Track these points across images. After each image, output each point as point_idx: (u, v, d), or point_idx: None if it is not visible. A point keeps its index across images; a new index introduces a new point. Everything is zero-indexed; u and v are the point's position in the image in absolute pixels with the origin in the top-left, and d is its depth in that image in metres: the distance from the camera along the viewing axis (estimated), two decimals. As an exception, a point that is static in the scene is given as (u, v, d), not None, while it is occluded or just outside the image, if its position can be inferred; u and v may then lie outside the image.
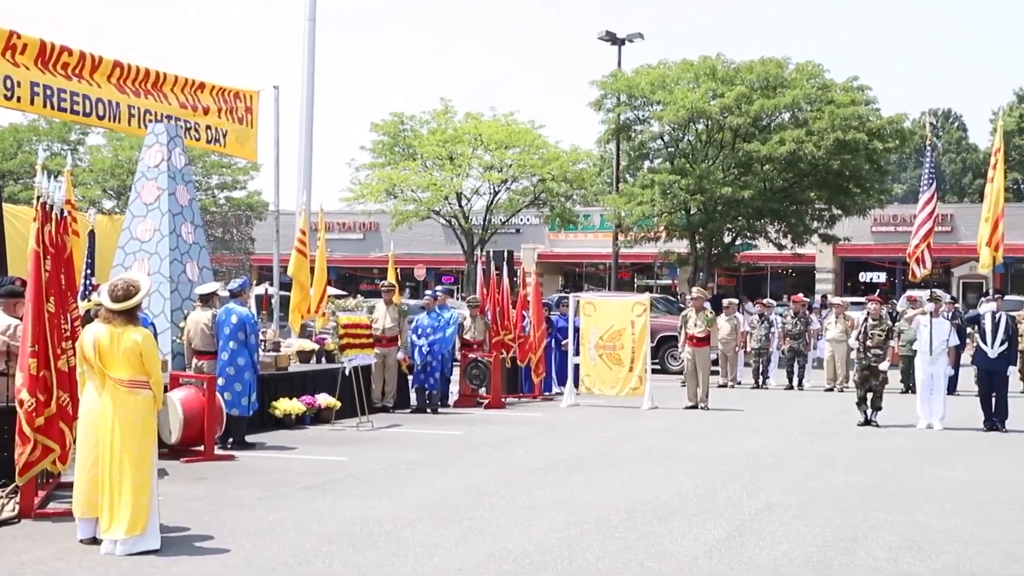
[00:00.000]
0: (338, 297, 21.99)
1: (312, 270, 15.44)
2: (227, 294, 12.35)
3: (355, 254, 46.52)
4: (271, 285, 18.51)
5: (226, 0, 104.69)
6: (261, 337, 13.25)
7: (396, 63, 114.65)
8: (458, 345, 16.68)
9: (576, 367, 16.84)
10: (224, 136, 14.79)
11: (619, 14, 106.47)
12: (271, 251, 17.21)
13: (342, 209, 40.85)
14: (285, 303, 16.27)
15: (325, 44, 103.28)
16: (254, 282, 26.77)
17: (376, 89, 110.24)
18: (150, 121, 13.86)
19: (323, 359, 15.32)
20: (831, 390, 19.48)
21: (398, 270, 18.69)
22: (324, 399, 13.82)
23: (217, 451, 10.93)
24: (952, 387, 16.32)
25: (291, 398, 13.38)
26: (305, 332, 15.69)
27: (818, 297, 30.36)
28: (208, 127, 14.59)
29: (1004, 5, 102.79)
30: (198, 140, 14.53)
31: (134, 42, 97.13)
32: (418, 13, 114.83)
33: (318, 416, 13.74)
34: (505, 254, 20.39)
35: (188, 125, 14.14)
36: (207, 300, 12.06)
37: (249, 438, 11.82)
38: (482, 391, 16.44)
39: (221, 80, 15.09)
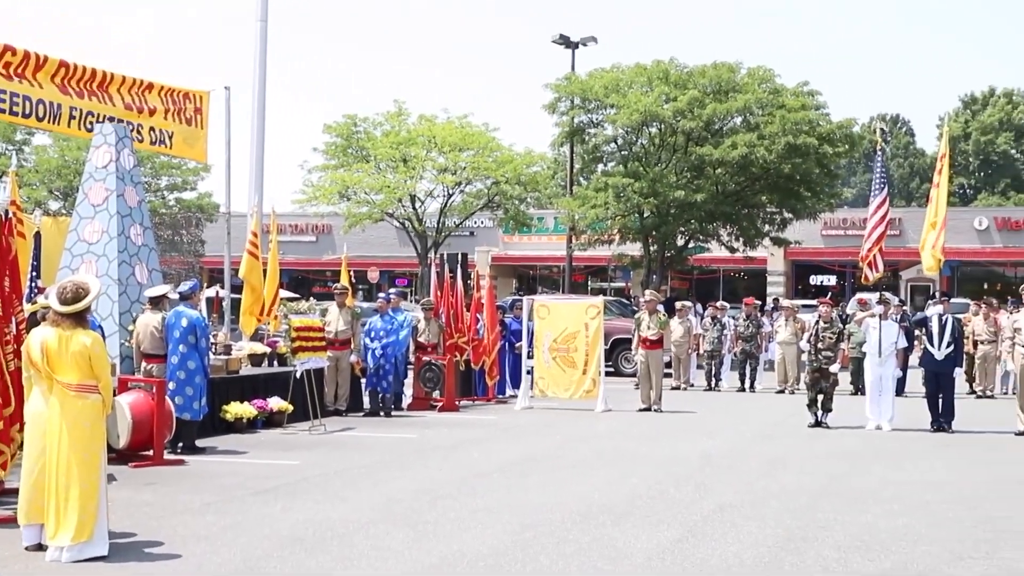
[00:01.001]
0: (290, 300, 21.79)
1: (264, 272, 15.29)
2: (177, 297, 12.19)
3: (308, 256, 46.18)
4: (222, 288, 18.30)
5: (177, 0, 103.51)
6: (212, 340, 13.10)
7: (349, 65, 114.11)
8: (412, 348, 16.61)
9: (530, 370, 16.86)
10: (170, 137, 14.58)
11: (573, 18, 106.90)
12: (222, 253, 17.01)
13: (294, 211, 40.53)
14: (236, 306, 16.09)
15: (277, 45, 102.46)
16: (204, 285, 26.52)
17: (329, 90, 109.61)
18: (91, 123, 13.64)
19: (275, 362, 15.18)
20: (782, 392, 19.68)
21: (351, 273, 18.56)
22: (276, 403, 13.69)
23: (167, 456, 10.79)
24: (900, 389, 16.57)
25: (242, 402, 13.25)
26: (257, 335, 15.53)
27: (770, 300, 30.67)
28: (152, 128, 14.38)
29: (950, 13, 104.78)
30: (141, 142, 14.32)
31: (84, 43, 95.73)
32: (372, 15, 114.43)
33: (270, 420, 13.61)
34: (459, 257, 20.40)
35: (132, 126, 13.91)
36: (157, 303, 11.90)
37: (199, 442, 11.68)
38: (436, 394, 16.40)
39: (171, 81, 14.89)
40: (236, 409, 13.06)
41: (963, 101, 72.12)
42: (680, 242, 31.42)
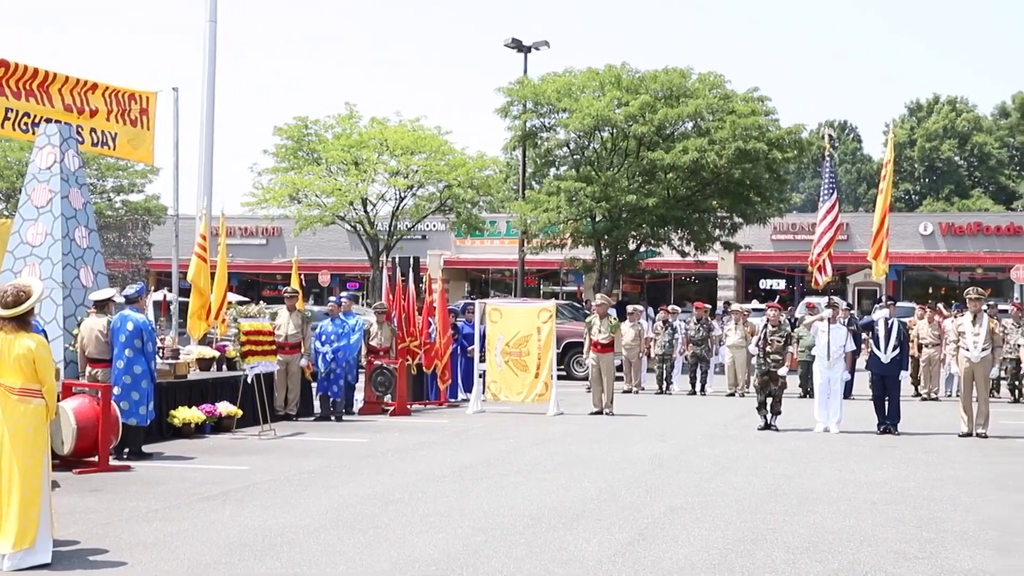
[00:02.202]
0: (240, 303, 21.58)
1: (213, 276, 15.12)
2: (123, 300, 12.00)
3: (258, 260, 45.78)
4: (170, 291, 18.06)
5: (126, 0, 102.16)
6: (159, 344, 12.92)
7: (300, 67, 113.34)
8: (363, 352, 16.52)
9: (482, 374, 16.83)
10: (113, 139, 14.33)
11: (525, 22, 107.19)
12: (170, 256, 16.80)
13: (244, 214, 40.15)
14: (185, 309, 15.90)
15: (227, 46, 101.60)
16: (151, 288, 26.16)
17: (280, 92, 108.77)
18: (27, 124, 13.37)
19: (224, 367, 15.01)
20: (732, 395, 19.85)
21: (302, 276, 18.44)
22: (225, 407, 13.54)
23: (112, 462, 10.62)
24: (848, 391, 16.79)
25: (190, 407, 13.09)
26: (206, 339, 15.35)
27: (720, 304, 30.94)
28: (94, 130, 14.13)
29: (897, 21, 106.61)
30: (83, 143, 14.07)
31: (28, 43, 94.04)
32: (323, 16, 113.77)
33: (219, 425, 13.45)
34: (411, 260, 20.34)
35: (73, 128, 13.65)
36: (102, 306, 11.71)
37: (146, 448, 11.51)
38: (387, 398, 16.33)
39: (116, 81, 14.65)
40: (184, 414, 12.89)
41: (909, 108, 73.46)
42: (632, 246, 31.59)
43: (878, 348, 14.29)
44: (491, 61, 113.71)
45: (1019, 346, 18.50)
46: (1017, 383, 18.28)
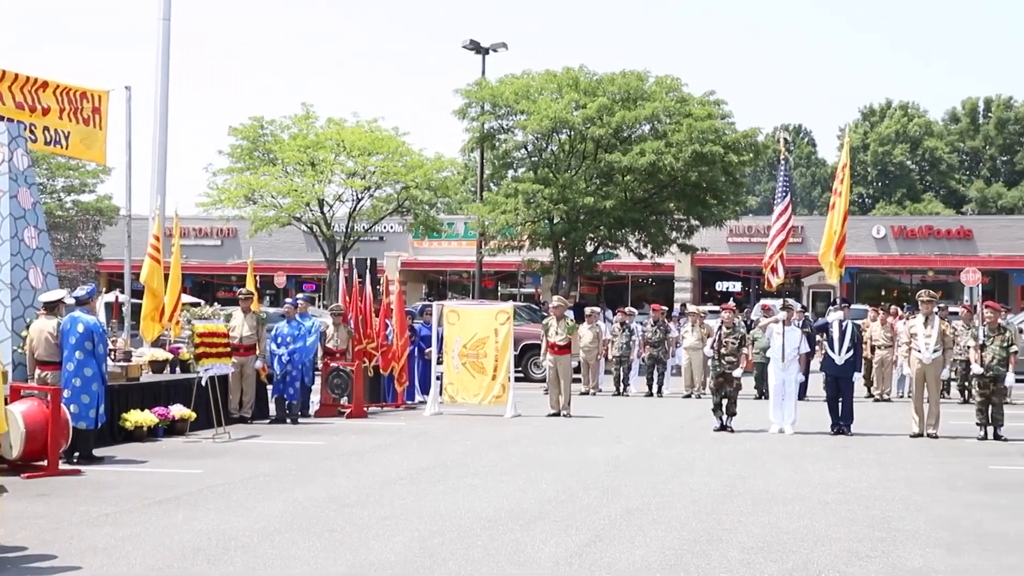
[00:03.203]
0: (193, 305, 21.32)
1: (166, 277, 14.93)
2: (73, 302, 11.81)
3: (212, 261, 45.32)
4: (122, 292, 17.81)
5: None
6: (111, 346, 12.73)
7: (256, 66, 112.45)
8: (320, 354, 16.41)
9: (440, 376, 16.78)
10: (66, 138, 14.09)
11: (483, 24, 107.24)
12: (122, 257, 16.56)
13: (199, 214, 39.73)
14: (137, 311, 15.68)
15: (181, 44, 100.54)
16: (102, 289, 25.77)
17: (235, 92, 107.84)
18: None
19: (177, 369, 14.84)
20: (689, 396, 19.95)
21: (257, 277, 18.25)
22: (178, 410, 13.38)
23: (62, 466, 10.44)
24: (802, 393, 16.94)
25: (143, 410, 12.91)
26: (159, 341, 15.15)
27: (677, 306, 31.12)
28: (47, 128, 13.88)
29: (849, 27, 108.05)
30: (35, 142, 13.82)
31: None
32: (279, 16, 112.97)
33: (172, 428, 13.29)
34: (368, 262, 20.19)
35: (24, 126, 13.41)
36: (52, 308, 11.51)
37: (97, 452, 11.33)
38: (344, 400, 16.23)
39: (68, 79, 14.41)
40: (136, 417, 12.71)
41: (862, 113, 74.50)
42: (589, 248, 31.68)
43: (832, 350, 14.44)
44: (449, 63, 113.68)
45: (968, 348, 18.79)
46: (967, 384, 18.55)
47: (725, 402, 14.54)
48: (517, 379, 17.62)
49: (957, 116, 71.65)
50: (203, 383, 13.48)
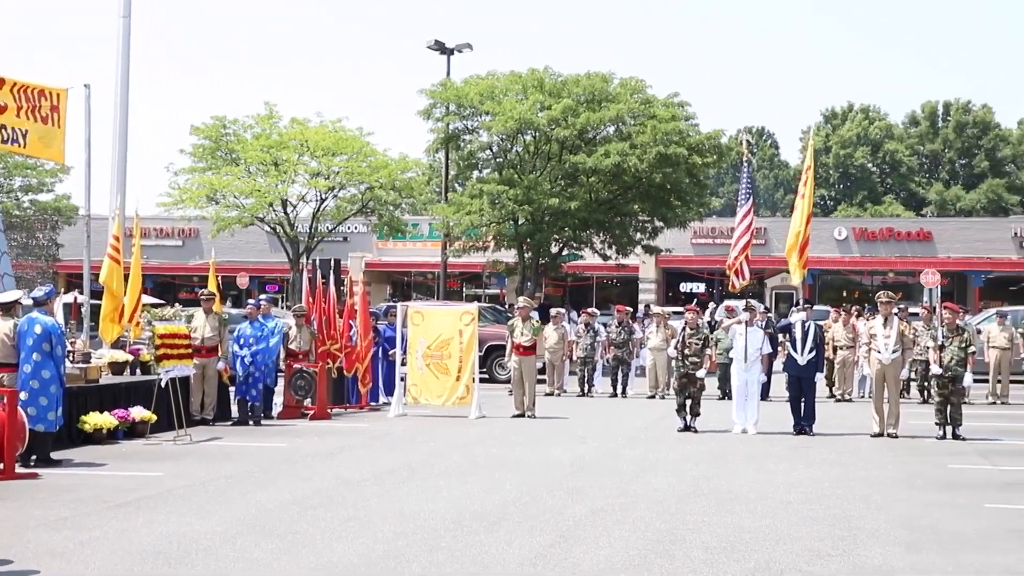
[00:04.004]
0: (154, 306, 21.09)
1: (126, 278, 14.75)
2: (31, 302, 11.63)
3: (174, 261, 44.90)
4: (81, 293, 17.58)
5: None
6: (69, 348, 12.55)
7: (218, 65, 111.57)
8: (283, 355, 16.29)
9: (404, 377, 16.72)
10: (24, 136, 13.85)
11: (448, 24, 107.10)
12: (81, 257, 16.34)
13: (160, 214, 39.34)
14: (97, 312, 15.48)
15: (142, 42, 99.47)
16: (61, 290, 25.41)
17: (197, 91, 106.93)
18: None
19: (138, 371, 14.67)
20: (653, 397, 20.03)
21: (219, 278, 18.08)
22: (138, 412, 13.23)
23: (19, 469, 10.28)
24: (765, 393, 17.06)
25: (102, 412, 12.74)
26: (118, 343, 14.97)
27: (641, 307, 31.24)
28: (3, 126, 13.64)
29: (812, 31, 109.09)
30: None
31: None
32: (242, 14, 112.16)
33: (132, 430, 13.14)
34: (332, 262, 20.07)
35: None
36: (8, 309, 11.32)
37: (55, 455, 11.17)
38: (307, 402, 16.12)
39: (25, 77, 14.18)
40: (95, 419, 12.55)
41: (824, 116, 75.22)
42: (554, 249, 31.71)
43: (795, 350, 14.55)
44: (413, 63, 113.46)
45: (928, 348, 19.02)
46: (926, 384, 18.78)
47: (689, 403, 14.60)
48: (482, 380, 17.60)
49: (917, 119, 72.56)
50: (164, 385, 13.34)
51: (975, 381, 15.62)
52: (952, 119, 70.07)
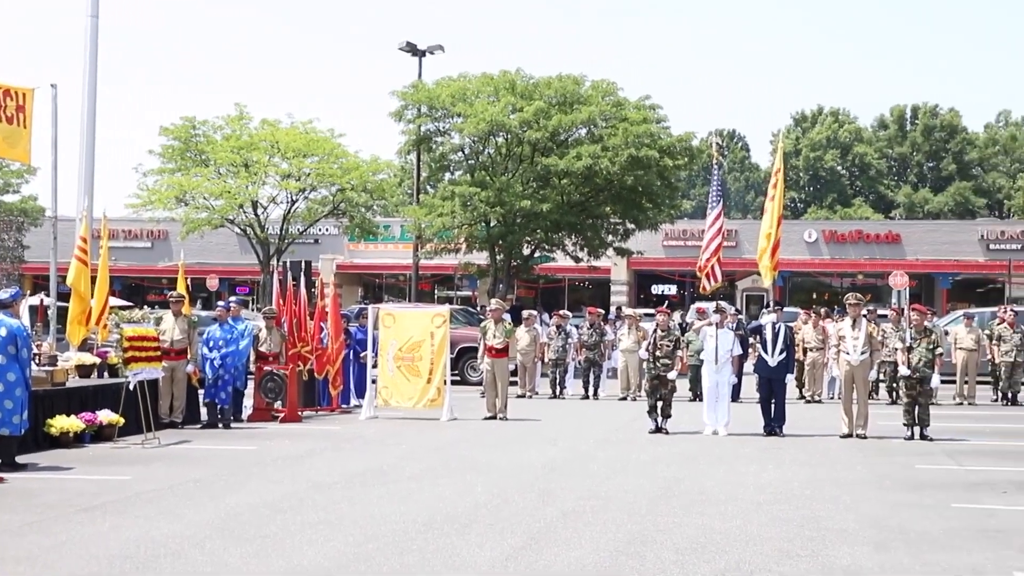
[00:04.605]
0: (122, 308, 20.89)
1: (94, 280, 14.60)
2: (-4, 304, 11.45)
3: (142, 263, 44.53)
4: (47, 295, 17.39)
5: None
6: (35, 351, 12.41)
7: (188, 66, 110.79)
8: (253, 358, 16.19)
9: (375, 379, 16.65)
10: (-11, 136, 13.70)
11: (419, 26, 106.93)
12: (48, 259, 16.17)
13: (128, 216, 38.99)
14: (63, 314, 15.32)
15: (111, 42, 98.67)
16: (27, 292, 25.11)
17: (166, 92, 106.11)
18: None
19: (105, 373, 14.52)
20: (624, 399, 20.07)
21: (189, 280, 17.94)
22: (106, 415, 13.09)
23: (-16, 474, 10.14)
24: (736, 394, 17.14)
25: (69, 415, 12.60)
26: (86, 345, 14.81)
27: (613, 309, 31.31)
28: (-32, 127, 13.48)
29: (782, 35, 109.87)
30: None
31: None
32: (212, 14, 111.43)
33: (99, 434, 13.00)
34: (303, 264, 19.95)
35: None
36: (-26, 311, 11.16)
37: (20, 458, 11.02)
38: (278, 404, 16.02)
39: (-9, 76, 14.00)
40: (61, 423, 12.40)
41: (794, 118, 75.79)
42: (526, 251, 31.73)
43: (765, 352, 14.63)
44: (385, 64, 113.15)
45: (896, 350, 19.18)
46: (895, 385, 18.93)
47: (660, 404, 14.64)
48: (454, 382, 17.57)
49: (885, 123, 73.28)
50: (132, 388, 13.22)
51: (943, 382, 15.73)
52: (920, 122, 70.84)
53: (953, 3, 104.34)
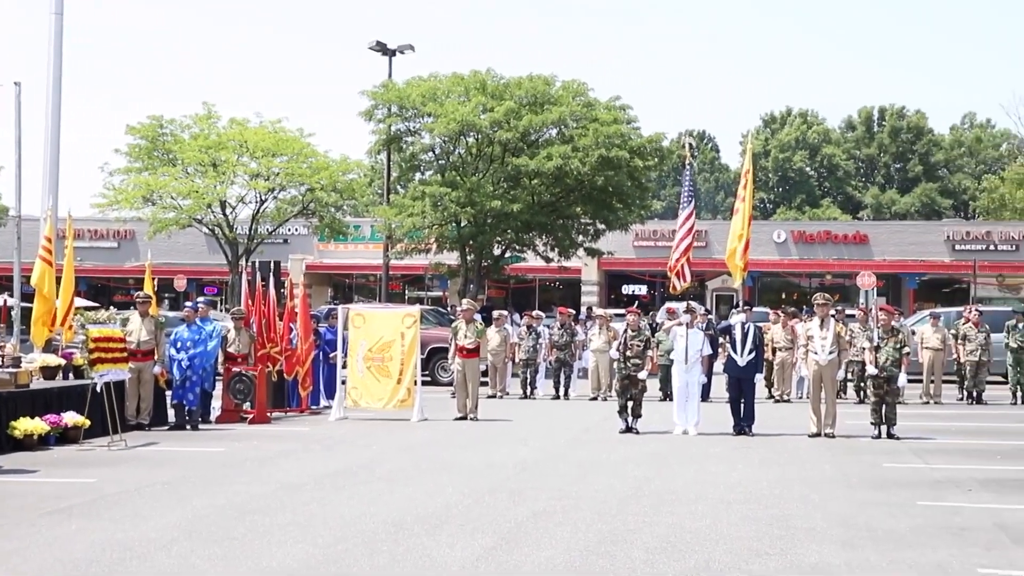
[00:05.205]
0: (88, 309, 20.65)
1: (58, 280, 14.44)
2: (-41, 305, 11.32)
3: (109, 264, 44.09)
4: (11, 296, 17.18)
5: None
6: (-1, 352, 12.25)
7: (155, 64, 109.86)
8: (221, 358, 16.06)
9: (345, 380, 16.57)
10: (-51, 135, 13.57)
11: (390, 25, 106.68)
12: (11, 259, 15.98)
13: (94, 216, 38.61)
14: (28, 315, 15.14)
15: (75, 40, 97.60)
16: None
17: (132, 90, 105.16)
18: None
19: (71, 375, 14.35)
20: (595, 399, 20.09)
21: (156, 280, 17.79)
22: (71, 417, 12.94)
23: (-54, 477, 9.99)
24: (706, 394, 17.20)
25: (33, 417, 12.44)
26: (50, 347, 14.64)
27: (584, 309, 31.35)
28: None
29: (752, 36, 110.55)
30: None
31: None
32: (180, 12, 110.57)
33: (64, 436, 12.85)
34: (272, 264, 19.79)
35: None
36: (-64, 312, 11.03)
37: (-17, 462, 10.89)
38: (247, 406, 15.90)
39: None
40: (25, 425, 12.25)
41: (763, 120, 76.32)
42: (497, 251, 31.71)
43: (735, 352, 14.70)
44: (355, 64, 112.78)
45: (864, 349, 19.34)
46: (862, 385, 19.09)
47: (630, 404, 14.67)
48: (424, 383, 17.52)
49: (853, 124, 73.95)
50: (98, 389, 13.07)
51: (909, 381, 15.90)
52: (887, 124, 71.55)
53: (920, 6, 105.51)
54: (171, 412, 15.12)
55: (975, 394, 19.93)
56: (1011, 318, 20.74)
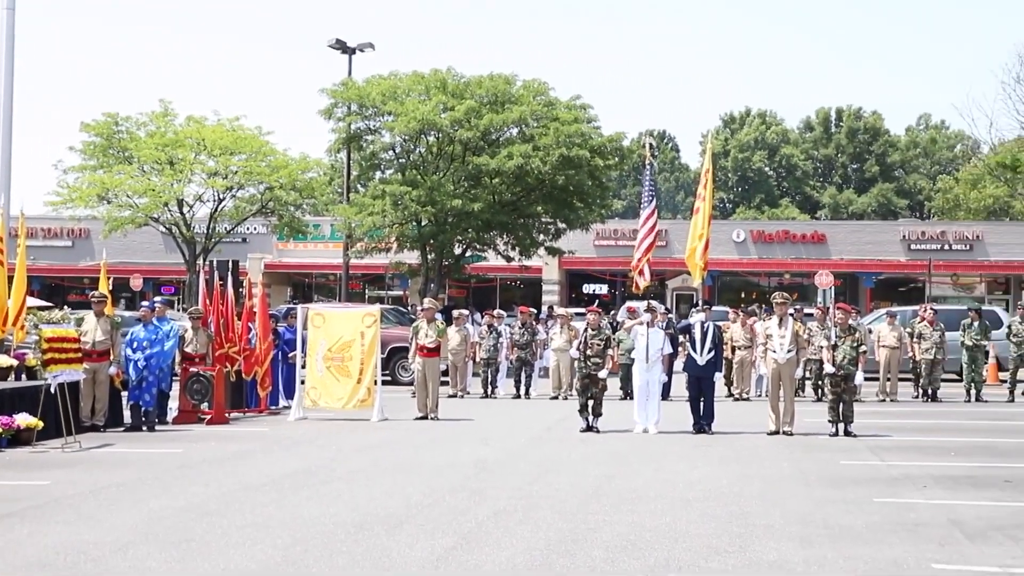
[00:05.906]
0: (41, 309, 20.35)
1: (11, 280, 14.21)
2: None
3: (63, 263, 43.44)
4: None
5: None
6: (-50, 352, 12.02)
7: (110, 60, 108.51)
8: (178, 359, 15.88)
9: (304, 380, 16.45)
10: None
11: (349, 23, 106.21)
12: (-37, 258, 15.67)
13: (47, 214, 38.03)
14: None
15: (28, 35, 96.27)
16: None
17: (87, 87, 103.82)
18: None
19: (23, 376, 14.12)
20: (556, 398, 20.12)
21: (111, 280, 17.54)
22: (23, 419, 12.73)
23: None
24: (666, 393, 17.29)
25: (-15, 419, 12.22)
26: (2, 347, 14.40)
27: (544, 308, 31.38)
28: None
29: (711, 37, 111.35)
30: None
31: None
32: (135, 7, 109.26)
33: (16, 438, 12.64)
34: (230, 264, 19.59)
35: None
36: None
37: (-66, 464, 10.67)
38: (204, 406, 15.74)
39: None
40: (-23, 427, 12.02)
41: (723, 120, 76.90)
42: (457, 251, 31.65)
43: (694, 351, 14.77)
44: (314, 62, 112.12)
45: (821, 347, 19.53)
46: (820, 383, 19.28)
47: (591, 403, 14.70)
48: (385, 382, 17.44)
49: (811, 125, 74.70)
50: (52, 390, 12.87)
51: (866, 379, 16.08)
52: (844, 125, 72.36)
53: (877, 9, 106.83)
54: (127, 413, 14.92)
55: (930, 392, 20.19)
56: (966, 317, 21.05)
